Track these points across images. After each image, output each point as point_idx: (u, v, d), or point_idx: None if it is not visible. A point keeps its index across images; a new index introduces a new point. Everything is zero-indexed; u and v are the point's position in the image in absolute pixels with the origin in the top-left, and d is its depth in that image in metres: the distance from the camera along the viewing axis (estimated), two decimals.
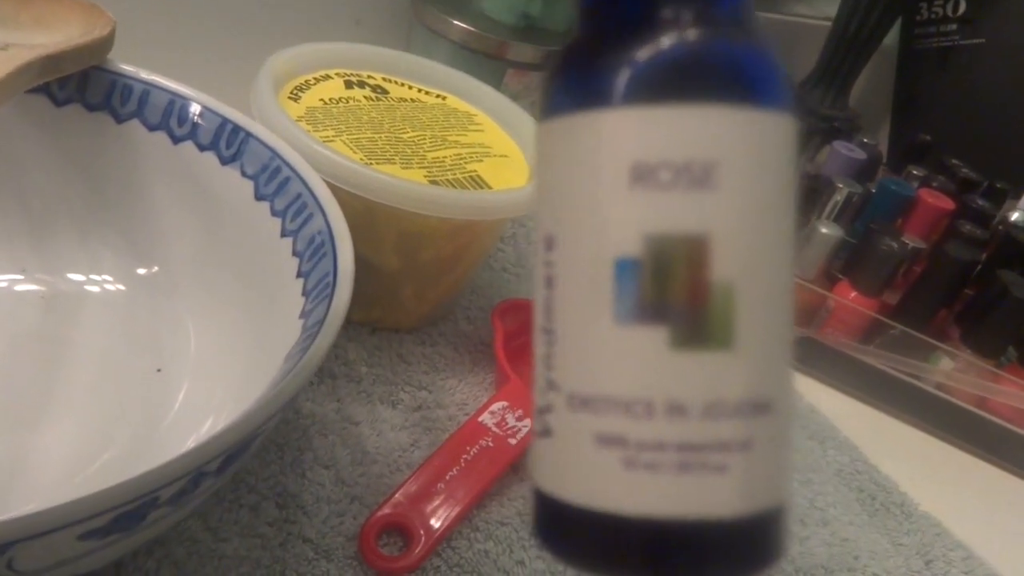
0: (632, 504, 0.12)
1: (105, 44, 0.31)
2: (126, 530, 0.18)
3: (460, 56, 0.52)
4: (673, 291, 0.12)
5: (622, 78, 0.12)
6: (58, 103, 0.31)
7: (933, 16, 0.81)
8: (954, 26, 0.80)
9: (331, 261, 0.26)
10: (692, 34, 0.12)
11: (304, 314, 0.26)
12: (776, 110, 0.13)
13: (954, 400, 0.49)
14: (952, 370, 0.49)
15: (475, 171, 0.36)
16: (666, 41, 0.12)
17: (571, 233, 0.13)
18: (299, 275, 0.28)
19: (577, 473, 0.13)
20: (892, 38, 0.83)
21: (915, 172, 0.64)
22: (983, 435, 0.49)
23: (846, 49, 0.79)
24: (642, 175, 0.12)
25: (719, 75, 0.12)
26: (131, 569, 0.25)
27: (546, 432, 0.13)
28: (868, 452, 0.43)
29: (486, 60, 0.52)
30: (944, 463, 0.48)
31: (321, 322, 0.24)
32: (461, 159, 0.36)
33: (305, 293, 0.27)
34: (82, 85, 0.31)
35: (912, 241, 0.54)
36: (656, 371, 0.12)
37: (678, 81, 0.12)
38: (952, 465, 0.48)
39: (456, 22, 0.51)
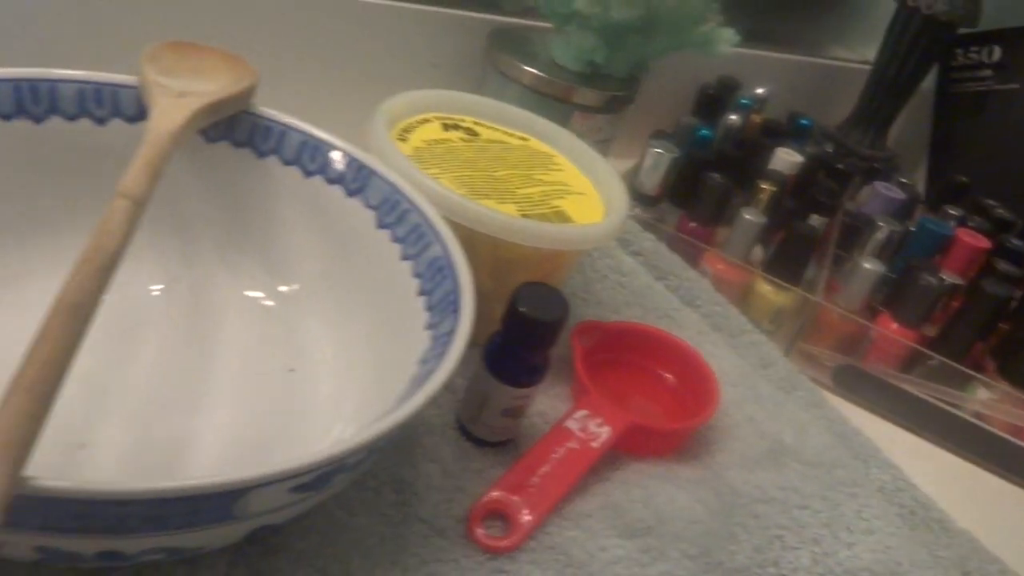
0: None
1: (252, 91, 0.36)
2: (318, 488, 0.22)
3: (530, 98, 0.57)
4: None
5: None
6: (209, 140, 0.36)
7: (969, 61, 0.84)
8: (989, 72, 0.83)
9: (452, 281, 0.31)
10: None
11: (431, 326, 0.30)
12: None
13: (990, 428, 0.52)
14: (988, 399, 0.53)
15: (559, 206, 0.40)
16: None
17: None
18: (421, 293, 0.32)
19: None
20: (929, 82, 0.86)
21: (951, 212, 0.67)
22: (1019, 462, 0.52)
23: (885, 92, 0.82)
24: None
25: None
26: (288, 531, 0.29)
27: None
28: (907, 474, 0.46)
29: (554, 102, 0.57)
30: (979, 487, 0.51)
31: (451, 332, 0.28)
32: (546, 195, 0.41)
33: (429, 308, 0.31)
34: (230, 125, 0.36)
35: (950, 277, 0.57)
36: None
37: None
38: (987, 489, 0.51)
39: (527, 68, 0.56)
